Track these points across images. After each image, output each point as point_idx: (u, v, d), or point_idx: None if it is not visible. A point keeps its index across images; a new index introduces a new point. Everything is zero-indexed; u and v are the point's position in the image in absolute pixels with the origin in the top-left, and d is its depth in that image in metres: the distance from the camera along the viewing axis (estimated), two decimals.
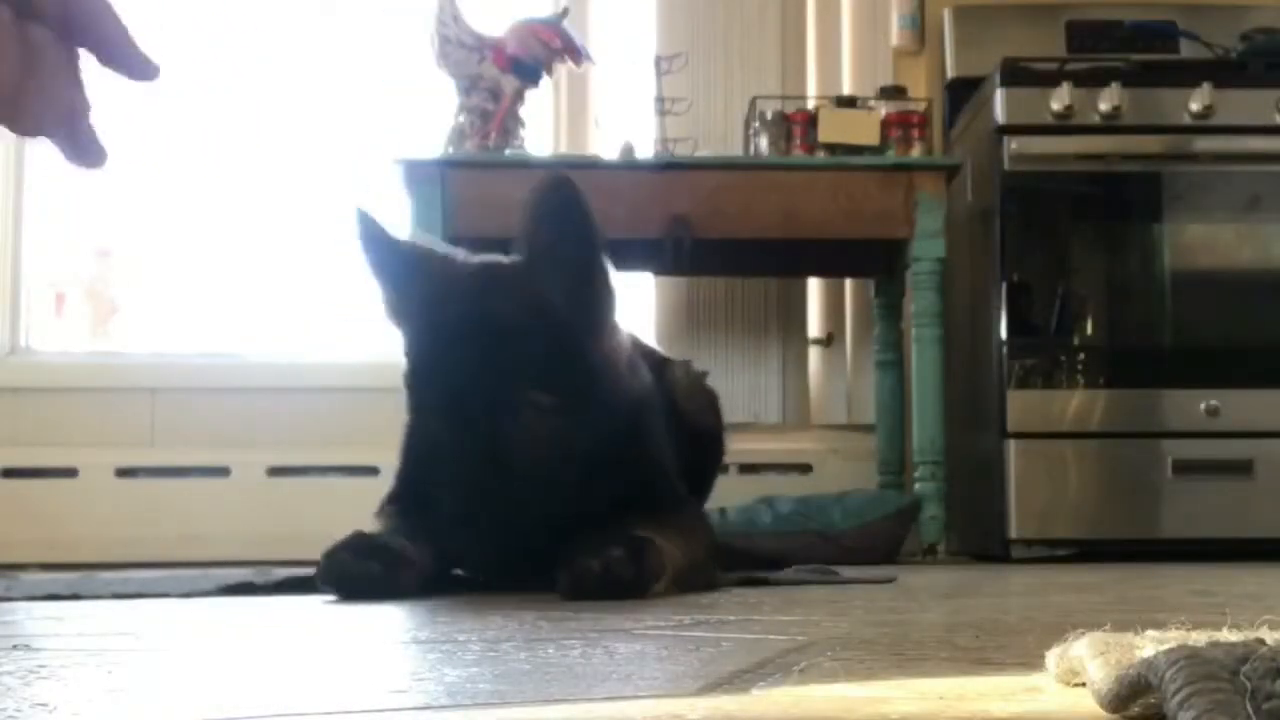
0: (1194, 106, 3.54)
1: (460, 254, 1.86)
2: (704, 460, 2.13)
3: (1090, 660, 0.69)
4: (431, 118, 3.83)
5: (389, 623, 1.37)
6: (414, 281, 1.76)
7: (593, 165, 3.68)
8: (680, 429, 2.01)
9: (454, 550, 1.78)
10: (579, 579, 1.56)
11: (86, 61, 1.10)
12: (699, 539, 1.90)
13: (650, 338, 4.17)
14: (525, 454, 1.67)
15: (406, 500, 1.83)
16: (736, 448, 4.07)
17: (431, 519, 1.72)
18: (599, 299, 1.76)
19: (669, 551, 1.66)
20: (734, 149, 3.95)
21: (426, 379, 1.72)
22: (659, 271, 3.98)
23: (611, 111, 4.28)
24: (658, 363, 2.08)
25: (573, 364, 1.71)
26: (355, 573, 1.64)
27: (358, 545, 1.68)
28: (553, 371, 1.70)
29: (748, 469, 4.08)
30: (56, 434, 4.05)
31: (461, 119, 3.63)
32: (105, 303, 4.36)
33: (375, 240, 1.78)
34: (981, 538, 3.71)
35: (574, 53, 3.72)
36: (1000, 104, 3.57)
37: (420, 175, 3.48)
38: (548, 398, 1.68)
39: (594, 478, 1.75)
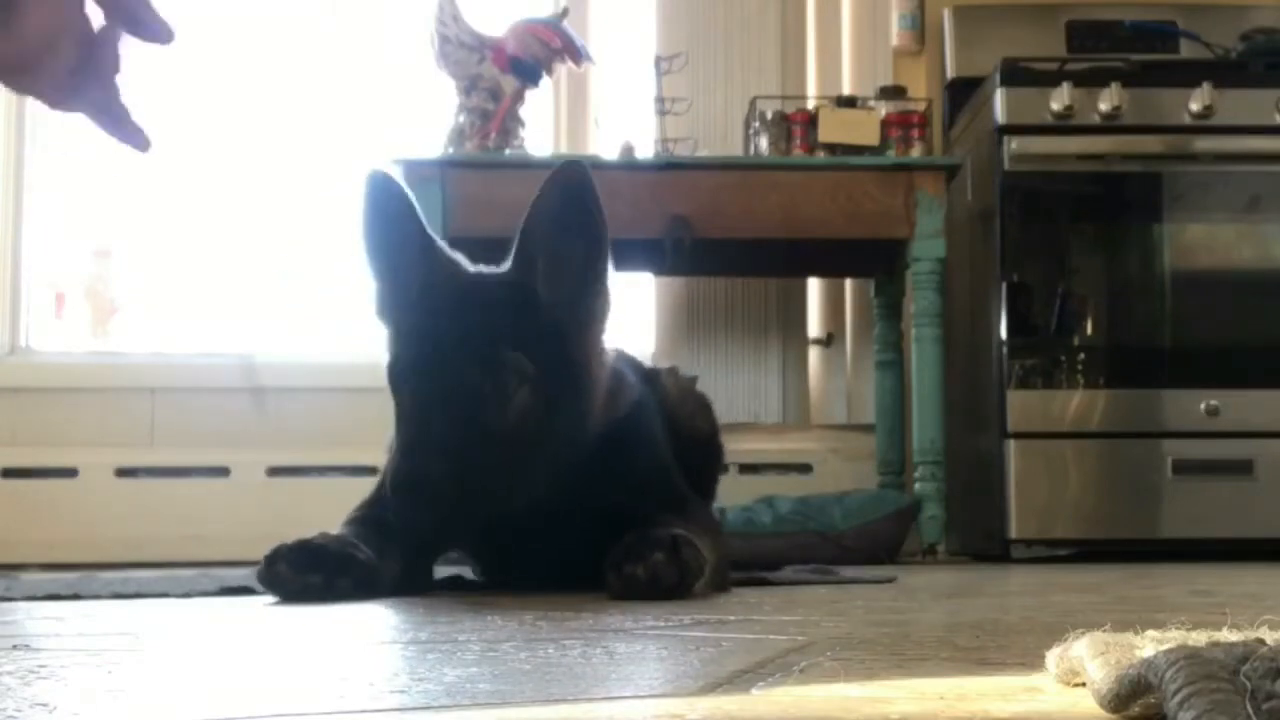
0: (1194, 106, 3.54)
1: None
2: (704, 465, 2.12)
3: (1090, 660, 0.69)
4: (431, 118, 3.83)
5: (389, 623, 1.37)
6: (412, 273, 1.74)
7: (592, 165, 3.65)
8: (677, 436, 2.00)
9: (443, 538, 1.76)
10: (627, 584, 1.57)
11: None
12: (720, 538, 1.92)
13: (650, 338, 4.17)
14: (503, 417, 1.66)
15: (380, 506, 1.81)
16: (737, 448, 4.09)
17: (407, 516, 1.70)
18: (590, 295, 1.75)
19: (703, 549, 1.66)
20: (734, 149, 3.95)
21: (407, 353, 1.71)
22: (659, 271, 3.98)
23: (611, 111, 4.29)
24: (645, 373, 2.07)
25: (556, 348, 1.72)
26: (294, 587, 1.63)
27: (298, 555, 1.65)
28: (534, 345, 1.69)
29: (748, 469, 4.08)
30: (56, 434, 4.05)
31: (461, 119, 3.63)
32: (105, 303, 4.35)
33: (389, 214, 1.76)
34: (981, 538, 3.70)
35: (574, 53, 3.71)
36: (1000, 104, 3.57)
37: (420, 175, 3.48)
38: (528, 364, 1.68)
39: (593, 479, 1.75)
